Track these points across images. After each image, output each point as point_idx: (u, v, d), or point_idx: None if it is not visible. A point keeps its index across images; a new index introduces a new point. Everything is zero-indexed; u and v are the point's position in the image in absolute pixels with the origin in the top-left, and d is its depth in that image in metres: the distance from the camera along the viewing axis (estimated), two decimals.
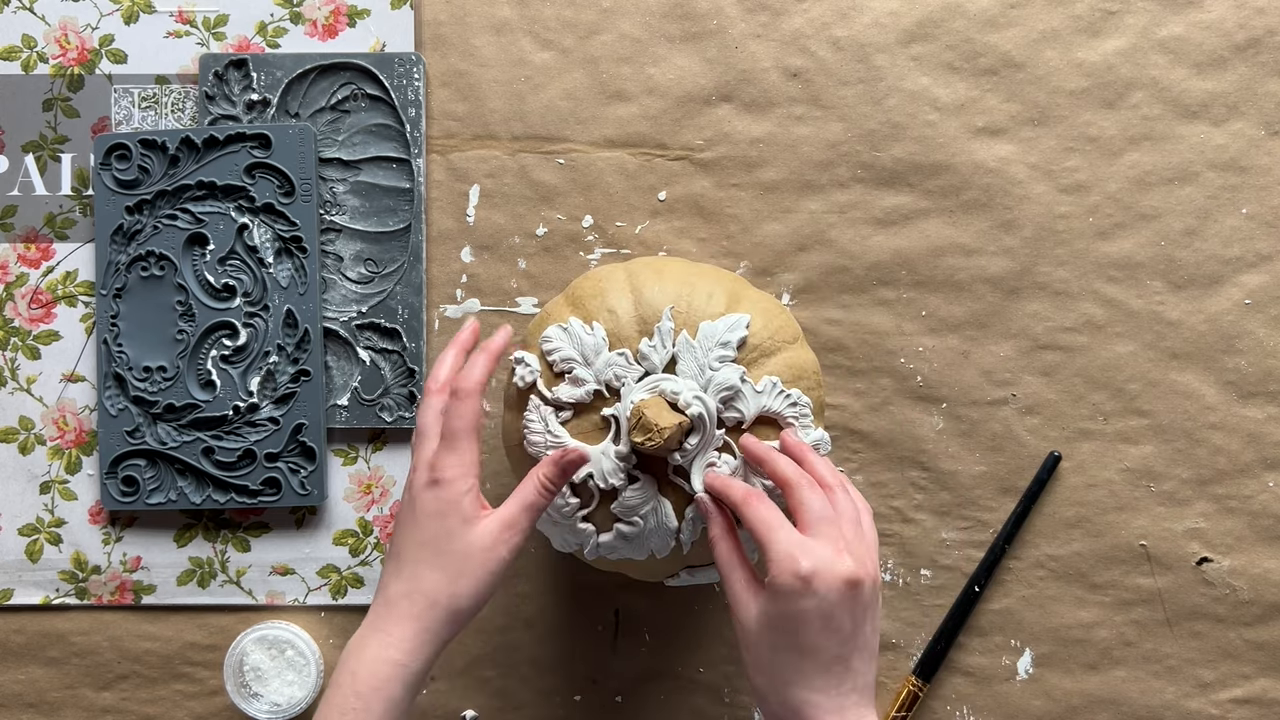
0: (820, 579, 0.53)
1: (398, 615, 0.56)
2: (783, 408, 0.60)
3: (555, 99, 0.74)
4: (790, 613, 0.53)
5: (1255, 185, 0.73)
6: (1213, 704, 0.73)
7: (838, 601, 0.53)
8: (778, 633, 0.53)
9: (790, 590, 0.52)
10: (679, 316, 0.61)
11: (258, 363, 0.73)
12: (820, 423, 0.63)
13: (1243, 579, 0.73)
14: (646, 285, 0.62)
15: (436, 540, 0.57)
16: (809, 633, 0.53)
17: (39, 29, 0.74)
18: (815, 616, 0.53)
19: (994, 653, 0.74)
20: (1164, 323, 0.74)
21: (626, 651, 0.75)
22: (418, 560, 0.57)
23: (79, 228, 0.74)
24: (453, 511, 0.57)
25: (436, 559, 0.56)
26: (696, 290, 0.62)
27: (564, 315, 0.62)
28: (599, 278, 0.63)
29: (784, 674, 0.54)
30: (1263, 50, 0.73)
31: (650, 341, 0.60)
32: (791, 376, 0.61)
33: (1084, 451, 0.74)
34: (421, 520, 0.57)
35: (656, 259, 0.66)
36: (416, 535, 0.57)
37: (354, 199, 0.74)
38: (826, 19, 0.74)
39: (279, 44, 0.74)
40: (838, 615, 0.53)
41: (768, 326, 0.62)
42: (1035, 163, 0.74)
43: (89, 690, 0.74)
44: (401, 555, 0.57)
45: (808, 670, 0.53)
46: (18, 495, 0.74)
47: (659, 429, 0.57)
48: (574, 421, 0.61)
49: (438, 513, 0.57)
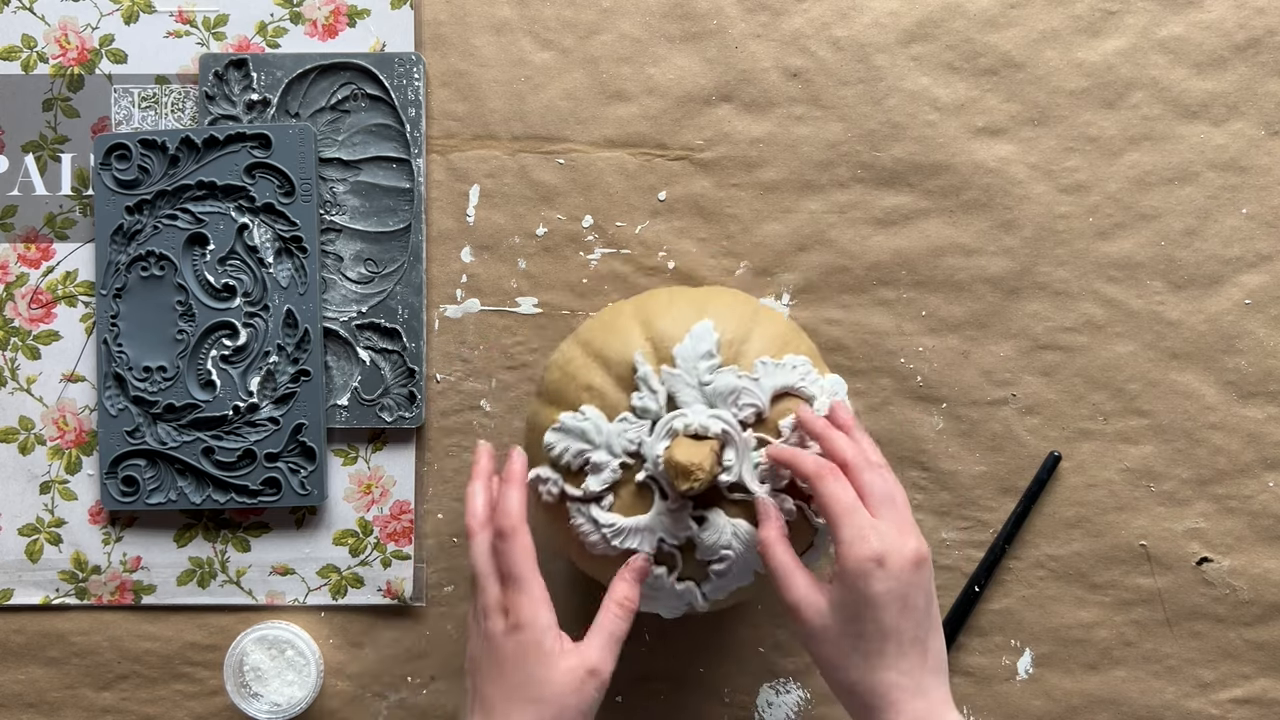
0: (891, 560, 0.53)
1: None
2: (787, 378, 0.60)
3: (555, 99, 0.74)
4: (866, 596, 0.53)
5: (1255, 185, 0.73)
6: (1213, 704, 0.73)
7: (910, 581, 0.53)
8: (856, 621, 0.54)
9: (864, 573, 0.53)
10: (651, 357, 0.61)
11: (258, 363, 0.73)
12: (824, 369, 0.63)
13: (1243, 579, 0.73)
14: (606, 345, 0.62)
15: (525, 687, 0.55)
16: (887, 615, 0.53)
17: (39, 29, 0.74)
18: (891, 598, 0.53)
19: (994, 653, 0.74)
20: (1164, 323, 0.74)
21: (626, 651, 0.74)
22: (509, 710, 0.55)
23: (79, 228, 0.74)
24: (535, 653, 0.56)
25: (529, 707, 0.55)
26: (654, 323, 0.62)
27: (551, 415, 0.62)
28: (561, 365, 0.63)
29: (867, 661, 0.54)
30: (1263, 50, 0.73)
31: (640, 394, 0.60)
32: (776, 347, 0.61)
33: (1084, 451, 0.74)
34: (507, 669, 0.56)
35: (599, 315, 0.66)
36: (504, 684, 0.56)
37: (354, 199, 0.74)
38: (826, 19, 0.74)
39: (279, 44, 0.74)
40: (912, 595, 0.54)
41: (731, 315, 0.62)
42: (1035, 163, 0.74)
43: (89, 690, 0.74)
44: (492, 705, 0.56)
45: (889, 653, 0.54)
46: (18, 495, 0.74)
47: (696, 466, 0.56)
48: (618, 501, 0.61)
49: (521, 657, 0.56)
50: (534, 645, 0.56)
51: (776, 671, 0.74)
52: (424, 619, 0.75)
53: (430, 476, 0.75)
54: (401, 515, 0.74)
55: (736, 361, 0.60)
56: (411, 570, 0.74)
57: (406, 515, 0.74)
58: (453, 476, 0.74)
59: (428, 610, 0.75)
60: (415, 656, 0.75)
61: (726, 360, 0.60)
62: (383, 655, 0.74)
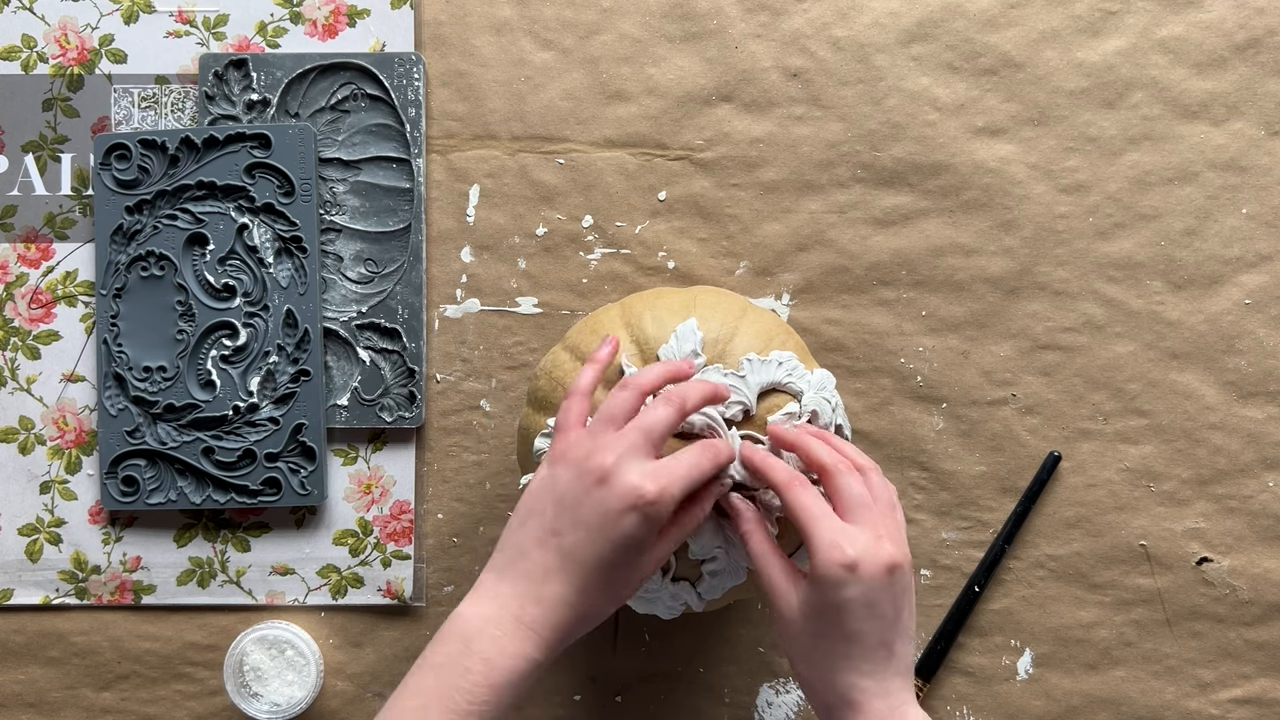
0: (863, 567, 0.53)
1: (555, 621, 0.53)
2: (773, 374, 0.60)
3: (555, 99, 0.74)
4: (834, 601, 0.53)
5: (1255, 185, 0.73)
6: (1213, 704, 0.73)
7: (880, 588, 0.53)
8: (822, 621, 0.54)
9: (834, 580, 0.53)
10: (637, 358, 0.61)
11: (258, 363, 0.73)
12: (812, 364, 0.63)
13: (1243, 579, 0.73)
14: (593, 347, 0.62)
15: (619, 568, 0.54)
16: (853, 620, 0.53)
17: (39, 29, 0.74)
18: (859, 604, 0.53)
19: (994, 653, 0.74)
20: (1164, 323, 0.74)
21: (626, 651, 0.75)
22: (594, 580, 0.54)
23: (79, 228, 0.74)
24: (647, 541, 0.54)
25: (612, 584, 0.54)
26: (640, 325, 0.62)
27: (540, 421, 0.62)
28: (549, 370, 0.63)
29: (830, 661, 0.54)
30: (1263, 50, 0.73)
31: None
32: (762, 344, 0.61)
33: (1084, 451, 0.74)
34: (617, 540, 0.53)
35: (585, 320, 0.65)
36: (602, 552, 0.53)
37: (354, 199, 0.74)
38: (826, 19, 0.74)
39: (279, 44, 0.74)
40: (880, 601, 0.53)
41: (716, 314, 0.62)
42: (1035, 163, 0.74)
43: (89, 690, 0.74)
44: (577, 563, 0.53)
45: (854, 656, 0.54)
46: (18, 495, 0.74)
47: None
48: None
49: (634, 543, 0.53)
50: (651, 532, 0.53)
51: (776, 671, 0.74)
52: (424, 619, 0.75)
53: (430, 476, 0.75)
54: (401, 515, 0.74)
55: (722, 360, 0.60)
56: (411, 570, 0.74)
57: (406, 515, 0.74)
58: (453, 476, 0.74)
59: (428, 610, 0.75)
60: (415, 656, 0.74)
61: (712, 359, 0.60)
62: (383, 655, 0.74)
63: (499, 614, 0.53)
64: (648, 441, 0.54)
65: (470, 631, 0.53)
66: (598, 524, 0.53)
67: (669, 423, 0.55)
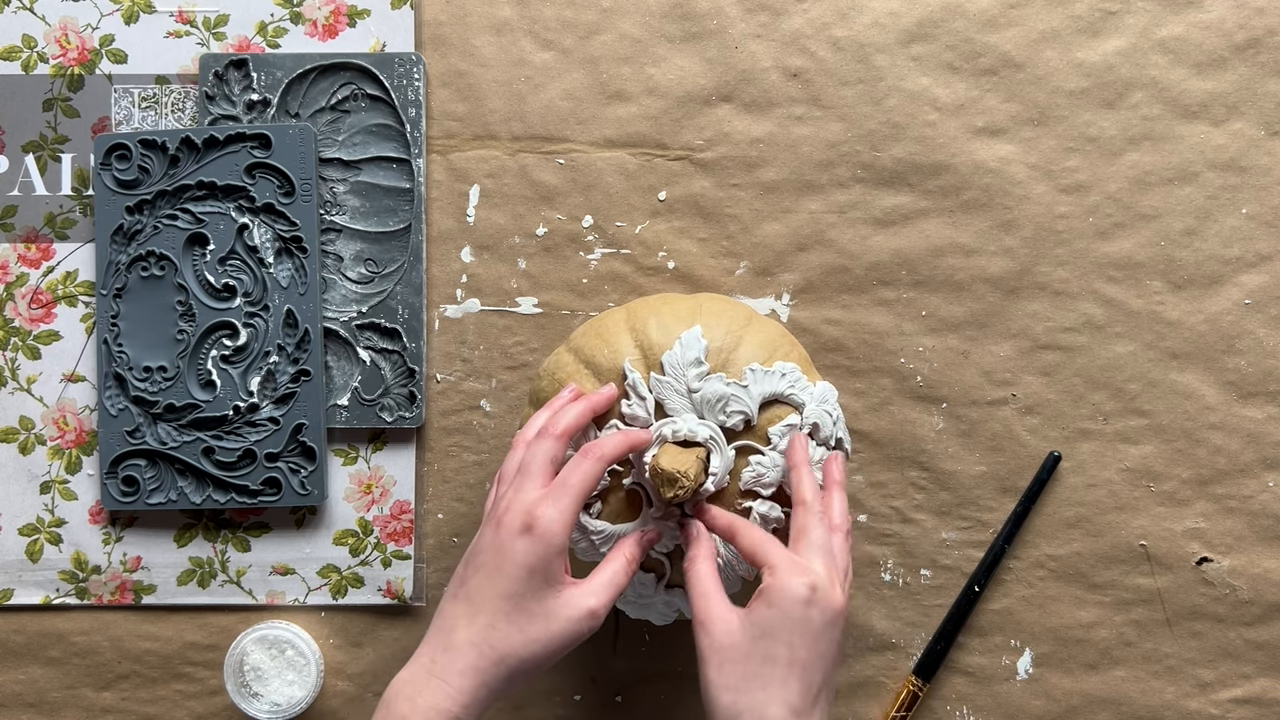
0: (821, 594, 0.53)
1: (462, 665, 0.53)
2: (776, 385, 0.60)
3: (555, 99, 0.74)
4: (787, 619, 0.53)
5: (1255, 185, 0.73)
6: (1213, 704, 0.73)
7: (827, 623, 0.53)
8: (770, 642, 0.53)
9: (794, 595, 0.53)
10: (641, 364, 0.61)
11: (258, 363, 0.73)
12: (815, 376, 0.63)
13: (1243, 579, 0.73)
14: (596, 352, 0.62)
15: (521, 597, 0.54)
16: (800, 646, 0.53)
17: (39, 29, 0.74)
18: (808, 630, 0.53)
19: (994, 653, 0.74)
20: (1164, 323, 0.74)
21: (626, 651, 0.75)
22: (496, 611, 0.54)
23: (79, 228, 0.74)
24: (541, 570, 0.54)
25: (517, 616, 0.54)
26: (645, 330, 0.62)
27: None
28: (552, 371, 0.63)
29: (767, 691, 0.53)
30: (1263, 50, 0.73)
31: (629, 401, 0.60)
32: (765, 354, 0.61)
33: (1084, 451, 0.74)
34: (509, 570, 0.54)
35: (590, 322, 0.66)
36: (500, 585, 0.54)
37: (354, 199, 0.74)
38: (826, 19, 0.74)
39: (279, 44, 0.74)
40: (825, 638, 0.53)
41: (721, 323, 0.62)
42: (1035, 163, 0.74)
43: (89, 690, 0.74)
44: (478, 602, 0.54)
45: (791, 686, 0.53)
46: (18, 495, 0.74)
47: (681, 474, 0.56)
48: (606, 508, 0.61)
49: (526, 567, 0.54)
50: (543, 560, 0.54)
51: None
52: (424, 619, 0.75)
53: (430, 476, 0.75)
54: (401, 515, 0.74)
55: (725, 369, 0.60)
56: (411, 570, 0.74)
57: (406, 515, 0.74)
58: (453, 476, 0.74)
59: (428, 610, 0.75)
60: None
61: (715, 367, 0.60)
62: (383, 655, 0.74)
63: (415, 673, 0.54)
64: (572, 496, 0.55)
65: (390, 696, 0.54)
66: (493, 560, 0.55)
67: (593, 477, 0.56)
